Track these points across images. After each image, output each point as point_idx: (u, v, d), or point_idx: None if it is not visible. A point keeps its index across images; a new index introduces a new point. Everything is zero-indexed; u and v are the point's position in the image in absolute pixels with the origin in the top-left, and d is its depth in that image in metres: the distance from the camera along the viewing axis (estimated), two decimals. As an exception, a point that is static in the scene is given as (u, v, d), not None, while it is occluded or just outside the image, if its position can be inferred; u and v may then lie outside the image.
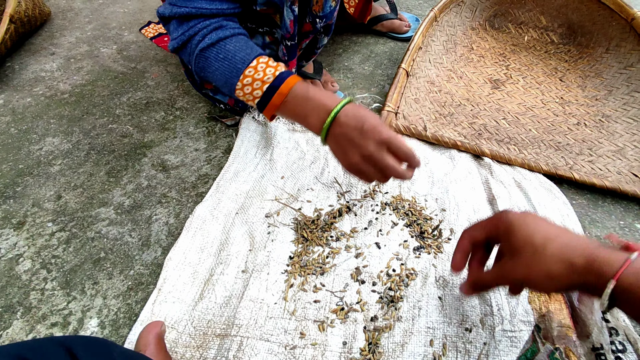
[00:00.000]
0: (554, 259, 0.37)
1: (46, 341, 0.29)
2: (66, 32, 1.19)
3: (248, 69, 0.57)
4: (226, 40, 0.59)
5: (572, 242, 0.37)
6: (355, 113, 0.53)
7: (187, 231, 0.64)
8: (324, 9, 0.70)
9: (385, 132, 0.51)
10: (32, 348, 0.27)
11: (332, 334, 0.52)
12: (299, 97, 0.55)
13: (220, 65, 0.58)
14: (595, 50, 1.00)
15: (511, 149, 0.80)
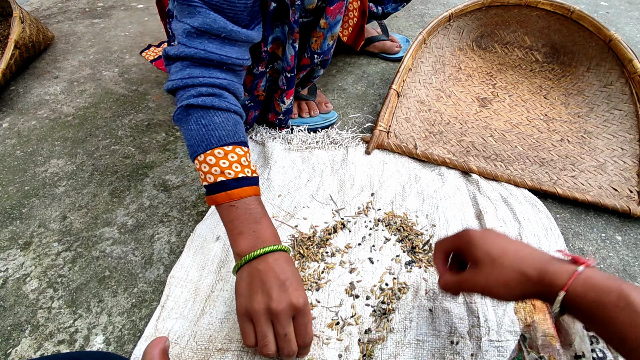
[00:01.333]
0: (510, 270, 0.41)
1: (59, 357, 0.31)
2: (69, 55, 1.23)
3: (218, 150, 0.53)
4: (217, 112, 0.55)
5: (526, 255, 0.41)
6: (288, 264, 0.50)
7: (189, 249, 0.66)
8: (322, 47, 0.77)
9: (306, 303, 0.47)
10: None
11: (328, 347, 0.55)
12: (245, 211, 0.51)
13: (196, 128, 0.54)
14: (577, 69, 1.05)
15: (498, 165, 0.83)
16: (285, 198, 0.76)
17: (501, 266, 0.41)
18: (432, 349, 0.53)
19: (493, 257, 0.42)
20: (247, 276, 0.49)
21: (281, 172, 0.81)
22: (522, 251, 0.42)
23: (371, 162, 0.84)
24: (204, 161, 0.53)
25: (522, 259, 0.41)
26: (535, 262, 0.40)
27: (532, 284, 0.40)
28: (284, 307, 0.46)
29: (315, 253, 0.66)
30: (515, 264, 0.41)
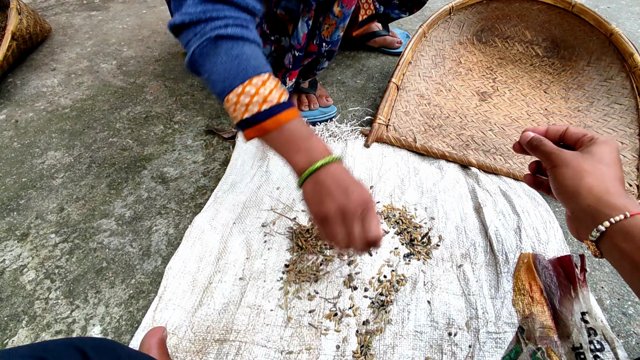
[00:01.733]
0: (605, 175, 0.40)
1: (59, 342, 0.31)
2: (66, 48, 1.22)
3: (256, 79, 0.51)
4: (246, 42, 0.53)
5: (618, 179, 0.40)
6: (346, 171, 0.51)
7: (187, 241, 0.66)
8: (332, 36, 0.76)
9: (371, 202, 0.49)
10: (46, 349, 0.30)
11: (326, 338, 0.55)
12: (295, 132, 0.51)
13: (228, 60, 0.52)
14: (578, 63, 1.05)
15: (497, 159, 0.83)
16: (283, 191, 0.76)
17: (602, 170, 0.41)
18: (430, 340, 0.53)
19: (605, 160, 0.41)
20: (313, 186, 0.50)
21: (280, 165, 0.81)
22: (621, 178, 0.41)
23: (370, 155, 0.84)
24: (243, 92, 0.51)
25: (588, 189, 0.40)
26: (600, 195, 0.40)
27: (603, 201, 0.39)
28: (353, 204, 0.47)
29: (314, 245, 0.66)
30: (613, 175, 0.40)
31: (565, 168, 0.42)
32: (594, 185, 0.40)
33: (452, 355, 0.52)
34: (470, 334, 0.54)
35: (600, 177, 0.40)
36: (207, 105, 0.99)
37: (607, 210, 0.38)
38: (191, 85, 1.07)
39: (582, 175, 0.41)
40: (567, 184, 0.42)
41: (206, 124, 0.93)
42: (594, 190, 0.40)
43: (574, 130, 0.47)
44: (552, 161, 0.44)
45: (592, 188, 0.40)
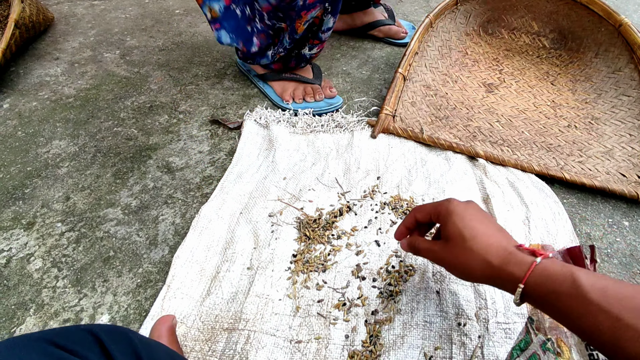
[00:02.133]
0: (476, 256, 0.42)
1: (73, 328, 0.31)
2: (69, 37, 1.21)
3: None
4: None
5: (494, 243, 0.42)
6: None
7: (194, 230, 0.66)
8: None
9: None
10: (60, 334, 0.29)
11: (335, 328, 0.55)
12: None
13: None
14: (585, 55, 1.04)
15: (504, 150, 0.83)
16: (290, 181, 0.76)
17: (470, 250, 0.42)
18: (439, 330, 0.53)
19: (464, 237, 0.43)
20: None
21: (286, 155, 0.80)
22: (492, 238, 0.42)
23: (377, 146, 0.83)
24: None
25: (489, 247, 0.41)
26: (500, 252, 0.41)
27: (494, 273, 0.41)
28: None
29: (322, 235, 0.66)
30: (482, 250, 0.42)
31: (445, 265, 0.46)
32: (475, 268, 0.42)
33: (461, 345, 0.52)
34: (480, 324, 0.54)
35: (471, 259, 0.42)
36: (212, 95, 0.99)
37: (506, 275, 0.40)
38: (195, 75, 1.06)
39: (459, 264, 0.44)
40: (455, 274, 0.46)
41: (211, 114, 0.92)
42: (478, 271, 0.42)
43: (420, 217, 0.51)
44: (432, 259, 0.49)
45: (476, 270, 0.42)
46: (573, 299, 0.34)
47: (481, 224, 0.44)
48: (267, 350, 0.52)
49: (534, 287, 0.38)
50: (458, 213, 0.45)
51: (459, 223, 0.44)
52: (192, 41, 1.21)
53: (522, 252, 0.40)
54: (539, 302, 0.38)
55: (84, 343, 0.29)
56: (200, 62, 1.11)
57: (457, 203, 0.47)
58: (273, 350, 0.52)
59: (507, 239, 0.43)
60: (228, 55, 1.14)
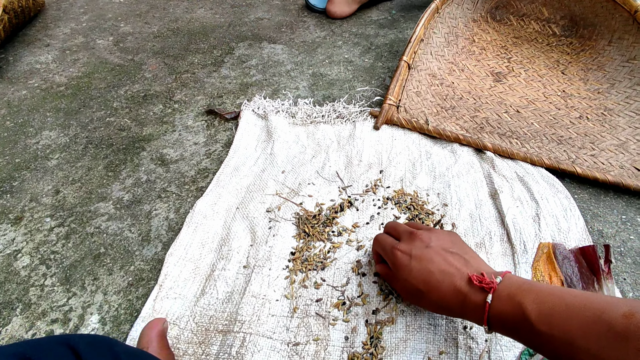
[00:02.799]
0: (435, 307, 0.45)
1: (49, 340, 0.28)
2: (60, 23, 1.17)
3: None
4: None
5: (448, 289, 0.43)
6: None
7: (188, 226, 0.63)
8: None
9: None
10: (35, 347, 0.27)
11: (335, 329, 0.52)
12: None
13: None
14: (598, 43, 0.99)
15: (513, 142, 0.79)
16: (289, 174, 0.72)
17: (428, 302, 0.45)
18: (444, 334, 0.51)
19: (421, 291, 0.45)
20: None
21: (285, 148, 0.77)
22: (444, 283, 0.43)
23: (380, 137, 0.80)
24: None
25: (445, 297, 0.43)
26: (455, 298, 0.42)
27: (459, 315, 0.44)
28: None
29: (321, 232, 0.63)
30: (440, 301, 0.43)
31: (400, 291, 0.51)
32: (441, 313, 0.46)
33: (467, 349, 0.49)
34: (487, 327, 0.51)
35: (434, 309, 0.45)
36: (209, 83, 0.95)
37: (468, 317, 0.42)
38: (191, 63, 1.02)
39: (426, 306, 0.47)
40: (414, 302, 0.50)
41: (207, 104, 0.89)
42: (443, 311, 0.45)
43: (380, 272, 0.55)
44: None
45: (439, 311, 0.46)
46: (527, 332, 0.36)
47: (431, 274, 0.44)
48: (264, 354, 0.49)
49: (495, 324, 0.39)
50: (404, 268, 0.46)
51: (410, 280, 0.46)
52: (189, 27, 1.17)
53: (475, 291, 0.41)
54: (507, 335, 0.40)
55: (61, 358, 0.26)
56: (196, 50, 1.07)
57: (400, 257, 0.47)
58: (269, 353, 0.50)
59: (459, 272, 0.43)
60: (225, 42, 1.10)
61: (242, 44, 1.10)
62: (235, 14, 1.24)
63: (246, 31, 1.16)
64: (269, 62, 1.02)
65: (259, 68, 1.00)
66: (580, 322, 0.31)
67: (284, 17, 1.22)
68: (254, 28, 1.17)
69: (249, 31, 1.16)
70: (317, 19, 1.21)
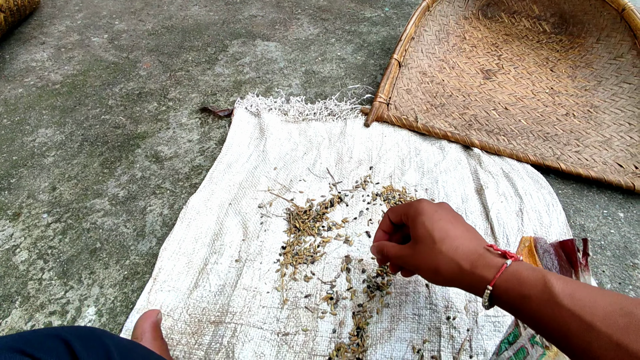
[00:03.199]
0: (444, 258, 0.40)
1: (41, 333, 0.30)
2: (56, 20, 1.18)
3: None
4: None
5: (463, 245, 0.40)
6: None
7: (182, 222, 0.65)
8: None
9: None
10: (27, 340, 0.28)
11: (323, 321, 0.54)
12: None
13: None
14: (586, 40, 1.01)
15: (500, 139, 0.81)
16: (281, 171, 0.74)
17: (439, 252, 0.41)
18: (428, 323, 0.53)
19: (434, 239, 0.41)
20: None
21: (277, 144, 0.79)
22: (462, 239, 0.41)
23: (370, 134, 0.81)
24: None
25: (458, 249, 0.40)
26: (469, 254, 0.40)
27: (463, 275, 0.40)
28: None
29: (312, 227, 0.65)
30: (451, 252, 0.40)
31: (414, 268, 0.44)
32: (444, 271, 0.41)
33: (450, 338, 0.51)
34: (469, 317, 0.53)
35: (440, 261, 0.41)
36: (202, 81, 0.96)
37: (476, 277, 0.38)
38: (186, 60, 1.03)
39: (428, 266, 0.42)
40: (425, 276, 0.43)
41: (201, 102, 0.90)
42: (448, 274, 0.40)
43: (393, 218, 0.49)
44: (401, 263, 0.46)
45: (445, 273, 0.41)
46: (544, 303, 0.33)
47: (451, 225, 0.42)
48: (254, 343, 0.51)
49: (504, 290, 0.37)
50: (427, 214, 0.43)
51: (428, 224, 0.42)
52: (183, 25, 1.18)
53: (492, 254, 0.39)
54: (509, 306, 0.37)
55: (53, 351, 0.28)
56: (190, 47, 1.08)
57: (427, 204, 0.45)
58: (260, 343, 0.52)
59: (477, 240, 0.42)
60: (219, 40, 1.11)
61: (236, 41, 1.11)
62: (229, 11, 1.25)
63: (240, 28, 1.17)
64: (262, 60, 1.03)
65: (253, 66, 1.01)
66: (604, 310, 0.30)
67: (277, 15, 1.23)
68: (247, 25, 1.18)
69: (242, 28, 1.17)
70: (311, 16, 1.22)
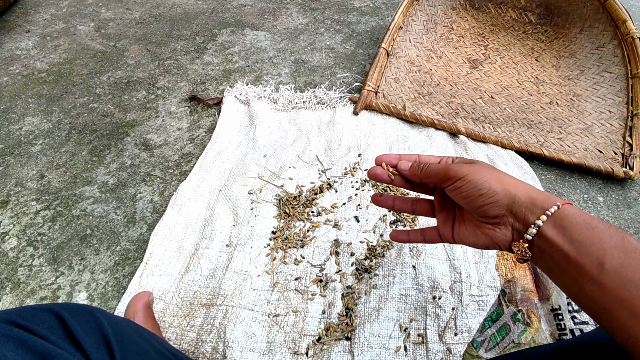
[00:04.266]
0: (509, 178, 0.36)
1: (34, 307, 0.30)
2: (40, 9, 1.16)
3: None
4: None
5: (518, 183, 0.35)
6: None
7: (172, 208, 0.65)
8: None
9: None
10: (20, 313, 0.28)
11: (313, 302, 0.55)
12: None
13: None
14: (570, 31, 1.03)
15: (486, 127, 0.83)
16: (270, 158, 0.75)
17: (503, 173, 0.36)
18: (415, 303, 0.55)
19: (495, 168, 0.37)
20: None
21: (267, 132, 0.79)
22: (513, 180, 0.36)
23: (359, 122, 0.82)
24: None
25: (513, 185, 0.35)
26: (527, 189, 0.35)
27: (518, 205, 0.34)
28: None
29: (301, 212, 0.66)
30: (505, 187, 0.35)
31: (476, 174, 0.36)
32: (511, 184, 0.35)
33: (435, 317, 0.53)
34: (454, 297, 0.55)
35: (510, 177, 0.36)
36: (192, 70, 0.96)
37: (538, 204, 0.33)
38: (174, 49, 1.02)
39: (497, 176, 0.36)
40: (487, 186, 0.35)
41: (190, 90, 0.90)
42: (516, 188, 0.35)
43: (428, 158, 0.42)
44: (455, 175, 0.37)
45: (513, 186, 0.35)
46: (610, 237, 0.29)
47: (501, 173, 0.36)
48: (245, 325, 0.52)
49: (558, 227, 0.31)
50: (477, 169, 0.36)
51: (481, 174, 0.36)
52: (171, 14, 1.17)
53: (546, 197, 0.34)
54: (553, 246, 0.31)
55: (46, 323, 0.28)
56: (179, 36, 1.07)
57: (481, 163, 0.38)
58: (250, 324, 0.53)
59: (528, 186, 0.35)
60: (208, 29, 1.11)
61: (225, 30, 1.10)
62: (218, 0, 1.25)
63: (229, 18, 1.16)
64: (251, 49, 1.03)
65: (242, 55, 1.01)
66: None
67: (266, 4, 1.23)
68: (236, 14, 1.18)
69: (231, 18, 1.16)
70: (300, 5, 1.22)
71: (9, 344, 0.24)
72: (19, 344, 0.25)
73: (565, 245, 0.31)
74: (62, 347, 0.26)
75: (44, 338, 0.26)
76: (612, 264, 0.28)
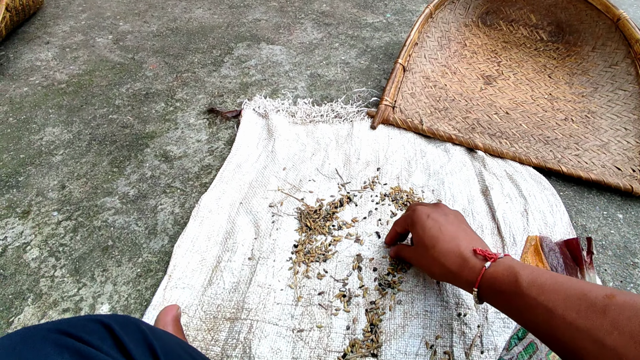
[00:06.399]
0: (436, 263, 0.48)
1: (84, 318, 0.31)
2: (60, 20, 1.18)
3: None
4: None
5: (452, 249, 0.47)
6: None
7: (194, 220, 0.65)
8: None
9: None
10: (71, 324, 0.29)
11: (337, 317, 0.55)
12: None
13: None
14: (583, 49, 1.05)
15: (503, 142, 0.83)
16: (290, 171, 0.75)
17: (431, 257, 0.49)
18: (440, 320, 0.54)
19: (426, 246, 0.49)
20: None
21: (285, 145, 0.80)
22: (450, 244, 0.48)
23: (377, 137, 0.83)
24: None
25: (447, 254, 0.47)
26: (456, 259, 0.46)
27: (454, 278, 0.47)
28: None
29: (322, 226, 0.66)
30: (441, 258, 0.48)
31: (417, 261, 0.54)
32: (437, 272, 0.49)
33: (461, 334, 0.53)
34: (479, 314, 0.55)
35: (433, 265, 0.49)
36: (209, 83, 0.97)
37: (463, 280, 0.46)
38: (191, 62, 1.04)
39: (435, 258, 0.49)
40: (426, 270, 0.52)
41: (209, 103, 0.91)
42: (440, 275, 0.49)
43: (398, 229, 0.59)
44: (404, 257, 0.58)
45: (438, 274, 0.50)
46: (514, 295, 0.38)
47: (440, 232, 0.49)
48: (270, 339, 0.52)
49: (485, 289, 0.43)
50: (419, 222, 0.52)
51: (420, 232, 0.51)
52: (188, 27, 1.19)
53: (476, 258, 0.45)
54: (493, 301, 0.43)
55: (97, 333, 0.29)
56: (196, 49, 1.09)
57: (420, 212, 0.53)
58: (275, 339, 0.52)
59: (466, 240, 0.48)
60: (224, 43, 1.12)
61: (241, 44, 1.12)
62: (234, 14, 1.27)
63: (244, 32, 1.18)
64: (267, 63, 1.05)
65: (258, 68, 1.03)
66: (565, 295, 0.34)
67: (281, 19, 1.25)
68: (252, 29, 1.19)
69: (247, 32, 1.18)
70: (314, 21, 1.24)
71: (65, 355, 0.25)
72: (73, 354, 0.25)
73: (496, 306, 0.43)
74: (115, 358, 0.26)
75: (97, 348, 0.26)
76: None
